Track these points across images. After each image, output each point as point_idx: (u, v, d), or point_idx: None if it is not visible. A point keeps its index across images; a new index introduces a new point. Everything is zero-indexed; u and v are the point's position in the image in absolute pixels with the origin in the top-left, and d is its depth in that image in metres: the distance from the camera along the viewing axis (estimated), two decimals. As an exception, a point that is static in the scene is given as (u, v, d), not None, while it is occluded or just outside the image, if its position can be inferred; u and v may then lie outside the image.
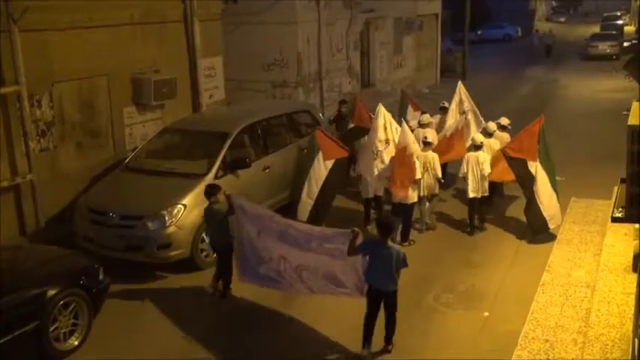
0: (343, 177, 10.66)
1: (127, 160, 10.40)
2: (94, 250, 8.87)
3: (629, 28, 48.26)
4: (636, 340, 5.78)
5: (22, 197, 9.78)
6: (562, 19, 63.27)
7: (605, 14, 55.64)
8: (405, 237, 9.90)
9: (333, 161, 10.12)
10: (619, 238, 9.25)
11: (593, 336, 6.88)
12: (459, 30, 31.15)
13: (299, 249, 7.33)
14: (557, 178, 12.84)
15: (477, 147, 10.43)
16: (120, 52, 11.11)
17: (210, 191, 8.27)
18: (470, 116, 12.49)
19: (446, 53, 29.12)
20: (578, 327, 7.30)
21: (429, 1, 24.76)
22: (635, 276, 7.69)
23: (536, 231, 10.08)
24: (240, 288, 8.30)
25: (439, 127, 12.33)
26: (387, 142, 9.95)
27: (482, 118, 12.65)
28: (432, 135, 10.87)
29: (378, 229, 7.01)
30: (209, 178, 9.41)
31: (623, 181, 4.60)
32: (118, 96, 11.22)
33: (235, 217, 7.91)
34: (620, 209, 4.67)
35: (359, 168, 10.59)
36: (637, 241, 8.34)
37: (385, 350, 7.08)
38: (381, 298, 6.95)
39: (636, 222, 5.19)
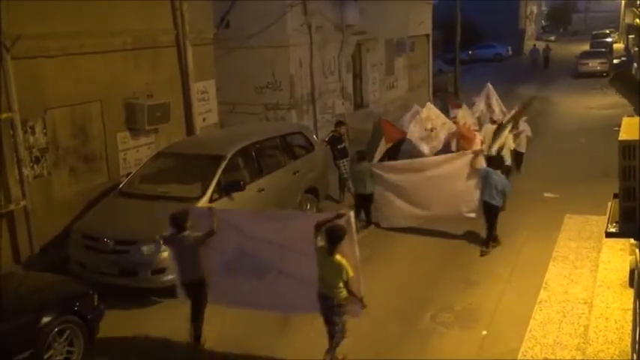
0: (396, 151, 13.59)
1: (121, 185, 10.38)
2: (88, 276, 8.82)
3: (619, 46, 48.76)
4: (635, 356, 5.76)
5: (16, 224, 9.74)
6: (552, 38, 63.88)
7: (595, 32, 56.26)
8: None
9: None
10: (615, 254, 9.26)
11: (592, 353, 6.85)
12: (450, 50, 31.44)
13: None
14: (551, 195, 12.98)
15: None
16: (113, 77, 11.16)
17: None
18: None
19: (437, 74, 29.31)
20: (577, 344, 7.27)
21: (419, 23, 24.99)
22: (631, 291, 7.68)
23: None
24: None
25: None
26: (432, 130, 13.28)
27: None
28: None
29: (489, 164, 10.71)
30: (204, 202, 9.40)
31: (616, 196, 4.61)
32: (112, 121, 11.24)
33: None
34: (614, 224, 4.66)
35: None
36: (633, 257, 8.34)
37: (482, 251, 10.35)
38: (488, 209, 10.33)
39: (630, 237, 5.19)
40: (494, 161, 10.88)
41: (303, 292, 6.98)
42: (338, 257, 6.62)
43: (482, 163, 10.96)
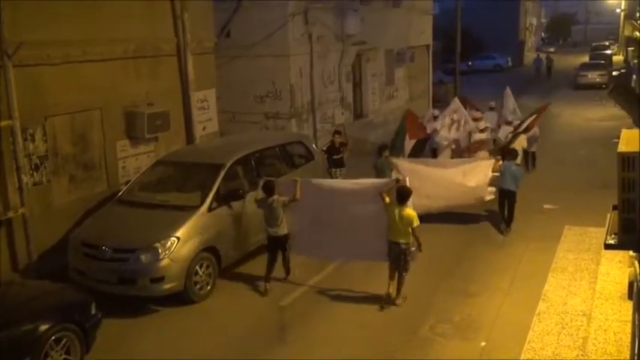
0: (421, 147, 14.78)
1: (120, 193, 10.38)
2: (86, 284, 8.79)
3: (618, 58, 48.96)
4: (633, 369, 5.75)
5: (15, 231, 9.71)
6: (551, 49, 64.08)
7: (594, 44, 56.46)
8: None
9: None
10: (614, 266, 9.25)
11: (591, 365, 6.84)
12: (450, 61, 31.49)
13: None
14: (550, 206, 12.97)
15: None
16: (113, 85, 11.17)
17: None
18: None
19: (437, 84, 29.35)
20: (576, 356, 7.25)
21: (420, 33, 25.05)
22: (630, 303, 7.66)
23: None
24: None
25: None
26: (456, 121, 14.85)
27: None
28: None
29: (505, 155, 11.80)
30: (203, 211, 9.41)
31: (615, 208, 4.61)
32: (112, 129, 11.24)
33: None
34: (613, 236, 4.67)
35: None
36: (631, 269, 8.32)
37: (506, 230, 11.63)
38: (505, 195, 11.51)
39: (629, 249, 5.19)
40: (511, 153, 11.92)
41: (370, 243, 8.79)
42: (408, 210, 8.50)
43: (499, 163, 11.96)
